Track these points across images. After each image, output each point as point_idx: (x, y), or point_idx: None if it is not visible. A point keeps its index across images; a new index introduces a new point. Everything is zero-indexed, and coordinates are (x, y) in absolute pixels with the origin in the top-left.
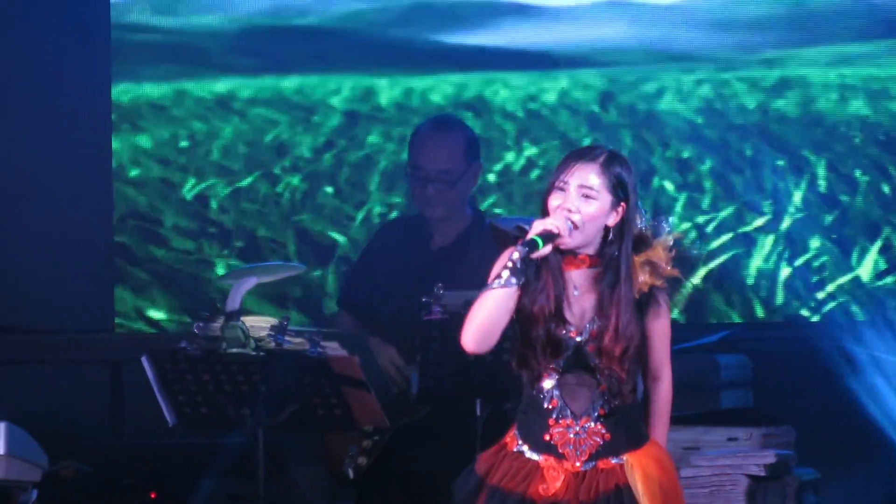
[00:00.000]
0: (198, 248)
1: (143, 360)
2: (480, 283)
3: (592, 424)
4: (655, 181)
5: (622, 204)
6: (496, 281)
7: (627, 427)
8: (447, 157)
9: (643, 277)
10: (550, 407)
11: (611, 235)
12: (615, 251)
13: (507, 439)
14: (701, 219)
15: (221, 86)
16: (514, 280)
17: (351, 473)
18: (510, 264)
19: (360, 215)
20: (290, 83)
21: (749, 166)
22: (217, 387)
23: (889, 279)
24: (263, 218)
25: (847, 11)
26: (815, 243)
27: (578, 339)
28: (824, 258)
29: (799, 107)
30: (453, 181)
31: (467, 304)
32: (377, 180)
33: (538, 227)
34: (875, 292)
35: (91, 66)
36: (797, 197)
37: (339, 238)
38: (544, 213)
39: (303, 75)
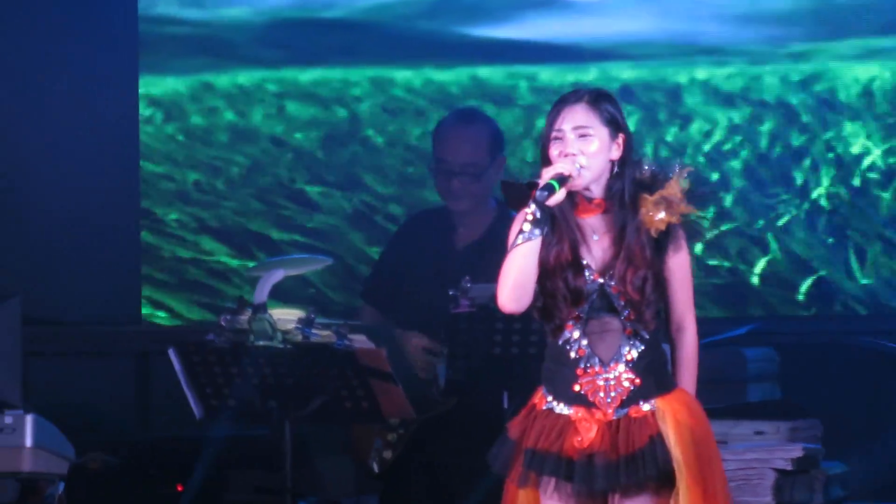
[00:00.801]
0: (214, 243)
1: (171, 352)
2: None
3: (622, 370)
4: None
5: (620, 135)
6: (519, 236)
7: (656, 371)
8: (472, 151)
9: (660, 215)
10: (577, 356)
11: (615, 168)
12: (621, 185)
13: (536, 400)
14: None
15: (248, 78)
16: (536, 231)
17: (376, 467)
18: (529, 217)
19: (383, 209)
20: (315, 75)
21: (784, 159)
22: (244, 379)
23: None
24: (286, 212)
25: (873, 5)
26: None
27: (601, 280)
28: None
29: (828, 100)
30: (478, 174)
31: (494, 298)
32: (400, 174)
33: (549, 173)
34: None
35: (119, 58)
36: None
37: (358, 232)
38: (546, 166)
39: (328, 68)
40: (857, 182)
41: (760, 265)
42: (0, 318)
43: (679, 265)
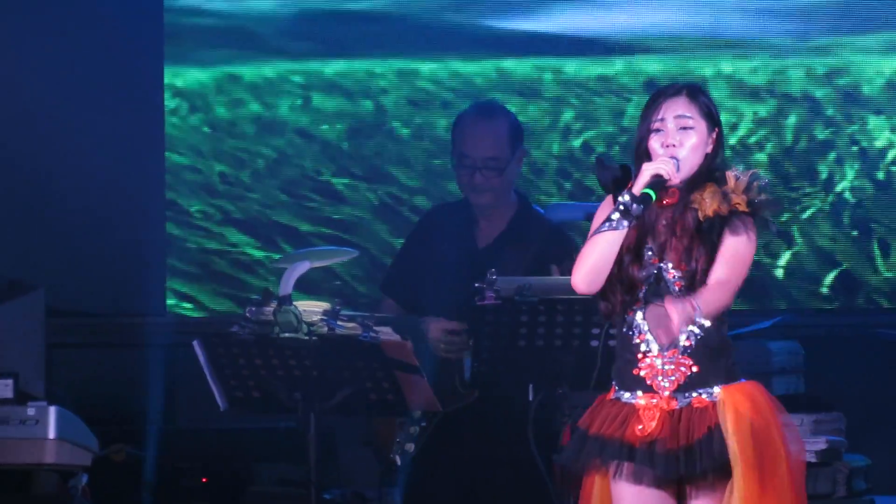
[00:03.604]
0: (240, 235)
1: (195, 344)
2: (529, 271)
3: (679, 355)
4: None
5: (716, 129)
6: (606, 224)
7: (717, 359)
8: (494, 145)
9: (712, 203)
10: (638, 341)
11: (705, 161)
12: (696, 175)
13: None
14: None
15: (273, 69)
16: (624, 223)
17: (398, 459)
18: (621, 207)
19: (409, 201)
20: (341, 67)
21: (809, 153)
22: (269, 371)
23: None
24: (311, 204)
25: None
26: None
27: (660, 264)
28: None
29: (852, 94)
30: (501, 168)
31: (520, 290)
32: (425, 166)
33: (647, 172)
34: None
35: (144, 49)
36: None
37: (384, 224)
38: (641, 162)
39: (354, 59)
40: (881, 175)
41: (785, 258)
42: (24, 309)
43: (730, 245)
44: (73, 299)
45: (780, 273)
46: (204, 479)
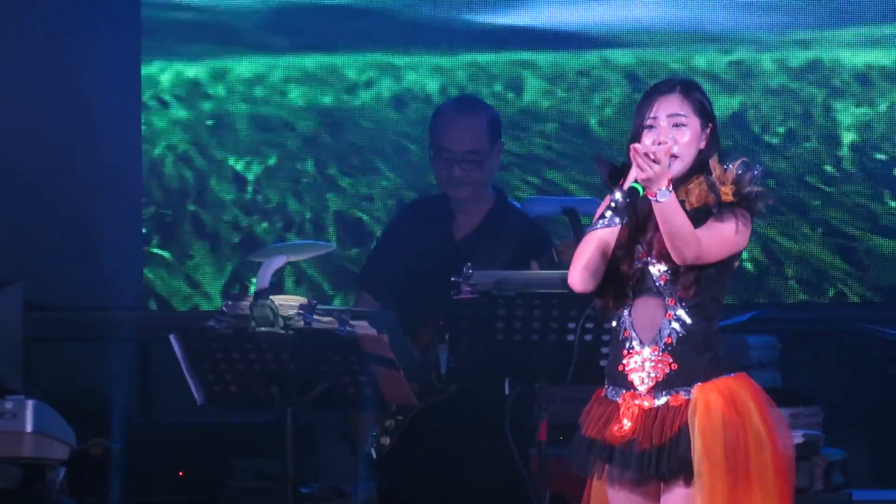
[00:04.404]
0: (219, 229)
1: (172, 338)
2: (506, 265)
3: (659, 352)
4: None
5: (710, 125)
6: (600, 221)
7: (700, 356)
8: (473, 138)
9: (698, 193)
10: (624, 337)
11: (699, 157)
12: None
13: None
14: None
15: (252, 65)
16: (616, 219)
17: (374, 453)
18: (613, 204)
19: (392, 195)
20: (320, 62)
21: (784, 146)
22: (246, 365)
23: None
24: (292, 197)
25: None
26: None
27: (647, 259)
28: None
29: (830, 86)
30: (480, 161)
31: (497, 284)
32: (406, 160)
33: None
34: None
35: (121, 43)
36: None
37: (364, 217)
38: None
39: (334, 54)
40: (855, 168)
41: (760, 252)
42: (2, 303)
43: (716, 223)
44: (50, 293)
45: (753, 267)
46: (181, 473)
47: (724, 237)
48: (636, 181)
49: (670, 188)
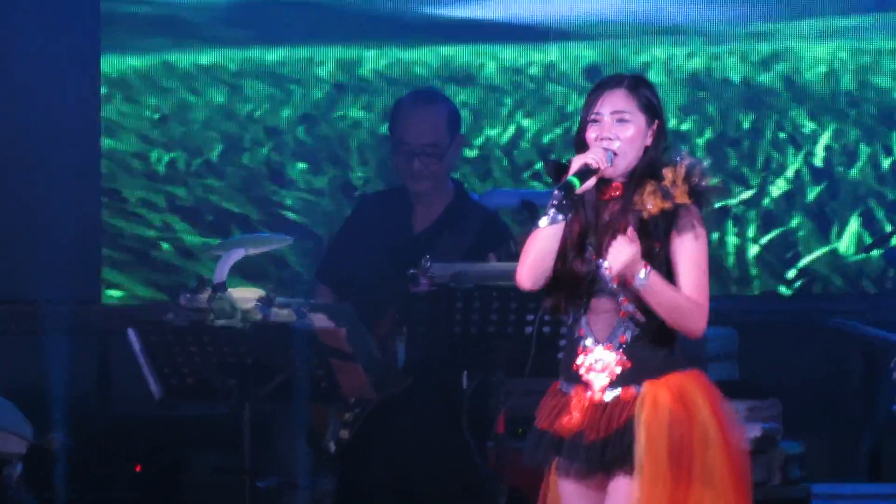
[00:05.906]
0: (169, 222)
1: (130, 332)
2: (465, 258)
3: (613, 351)
4: None
5: (656, 121)
6: (544, 219)
7: (655, 353)
8: (432, 131)
9: (654, 201)
10: (579, 335)
11: (645, 154)
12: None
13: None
14: None
15: (209, 58)
16: (559, 217)
17: (332, 447)
18: (555, 202)
19: (355, 187)
20: (277, 55)
21: (744, 139)
22: (204, 358)
23: (874, 252)
24: (236, 192)
25: None
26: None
27: (600, 261)
28: (802, 232)
29: (789, 80)
30: (440, 154)
31: (455, 277)
32: (358, 153)
33: (577, 163)
34: (854, 265)
35: (80, 37)
36: (790, 171)
37: (327, 211)
38: (581, 150)
39: (290, 47)
40: (818, 161)
41: (717, 243)
42: None
43: (683, 247)
44: (7, 287)
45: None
46: (138, 468)
47: (700, 263)
48: (575, 175)
49: (648, 269)
